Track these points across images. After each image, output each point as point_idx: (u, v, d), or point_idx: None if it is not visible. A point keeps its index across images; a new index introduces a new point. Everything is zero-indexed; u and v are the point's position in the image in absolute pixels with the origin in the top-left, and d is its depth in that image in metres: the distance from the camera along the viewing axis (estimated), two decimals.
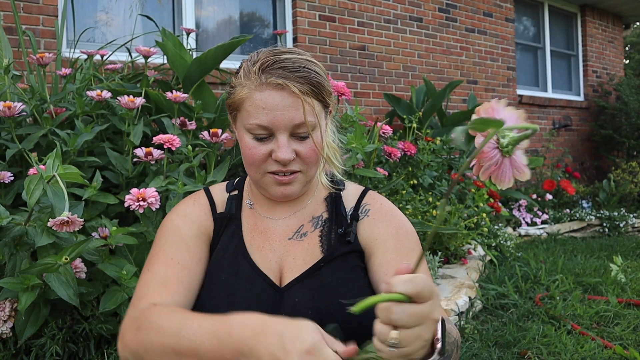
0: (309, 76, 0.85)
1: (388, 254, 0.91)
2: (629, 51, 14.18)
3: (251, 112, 0.85)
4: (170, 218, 0.95)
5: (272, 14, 4.23)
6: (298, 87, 0.83)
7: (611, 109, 6.48)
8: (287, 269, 0.90)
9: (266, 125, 0.84)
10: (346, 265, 0.90)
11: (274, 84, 0.83)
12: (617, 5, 6.76)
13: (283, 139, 0.85)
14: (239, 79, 0.87)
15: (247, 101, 0.85)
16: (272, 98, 0.83)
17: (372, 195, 1.00)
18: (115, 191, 1.81)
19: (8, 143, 1.71)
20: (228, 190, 1.02)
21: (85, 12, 3.41)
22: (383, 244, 0.92)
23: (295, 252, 0.92)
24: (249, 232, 0.95)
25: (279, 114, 0.83)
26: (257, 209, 0.98)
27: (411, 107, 4.25)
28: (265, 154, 0.86)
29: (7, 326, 1.34)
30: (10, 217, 1.33)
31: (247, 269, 0.90)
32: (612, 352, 2.01)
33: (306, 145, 0.87)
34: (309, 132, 0.86)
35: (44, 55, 1.84)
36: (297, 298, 0.86)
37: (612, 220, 4.75)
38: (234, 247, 0.92)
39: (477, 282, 2.73)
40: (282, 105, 0.83)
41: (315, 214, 0.97)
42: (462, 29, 5.26)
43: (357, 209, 0.97)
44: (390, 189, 2.52)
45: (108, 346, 1.46)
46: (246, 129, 0.86)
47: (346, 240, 0.92)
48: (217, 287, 0.88)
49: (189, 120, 1.97)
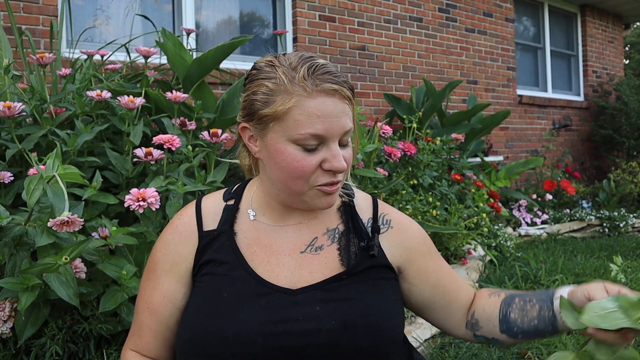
0: (347, 80, 0.83)
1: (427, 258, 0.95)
2: (629, 51, 14.18)
3: (302, 122, 0.78)
4: (156, 247, 0.94)
5: (272, 14, 4.23)
6: (347, 91, 0.81)
7: (611, 109, 6.48)
8: (302, 282, 0.85)
9: (322, 134, 0.79)
10: (369, 279, 0.87)
11: (328, 90, 0.79)
12: (617, 5, 6.76)
13: (336, 147, 0.81)
14: (279, 85, 0.80)
15: (297, 109, 0.78)
16: (326, 105, 0.79)
17: (383, 205, 0.98)
18: (115, 191, 1.81)
19: (8, 143, 1.71)
20: (225, 198, 0.95)
21: (84, 12, 3.41)
22: (418, 251, 0.94)
23: (311, 265, 0.87)
24: (249, 247, 0.89)
25: (333, 122, 0.79)
26: (264, 219, 0.91)
27: (411, 107, 4.25)
28: (315, 166, 0.81)
29: (7, 326, 1.34)
30: (10, 217, 1.33)
31: (251, 283, 0.84)
32: None
33: (347, 152, 0.84)
34: (350, 138, 0.85)
35: (44, 55, 1.84)
36: (319, 307, 0.82)
37: (612, 220, 4.75)
38: (231, 262, 0.86)
39: (477, 282, 2.72)
40: (336, 112, 0.80)
41: (330, 226, 0.92)
42: (462, 29, 5.26)
43: (376, 220, 0.94)
44: (390, 189, 2.52)
45: (108, 346, 1.46)
46: (293, 139, 0.79)
47: (370, 254, 0.88)
48: (218, 305, 0.83)
49: (189, 121, 1.97)
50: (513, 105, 5.75)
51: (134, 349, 0.93)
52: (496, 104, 5.53)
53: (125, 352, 0.94)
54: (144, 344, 0.91)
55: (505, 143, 5.69)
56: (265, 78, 0.82)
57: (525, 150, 5.89)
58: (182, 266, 0.90)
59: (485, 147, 4.87)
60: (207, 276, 0.87)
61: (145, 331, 0.91)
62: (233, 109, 2.16)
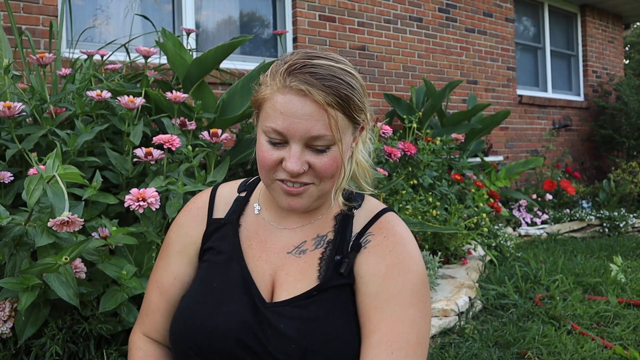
0: (338, 87, 0.78)
1: (366, 298, 0.83)
2: (629, 51, 14.18)
3: (269, 114, 0.80)
4: (171, 228, 0.98)
5: (272, 14, 4.23)
6: (322, 96, 0.77)
7: (611, 109, 6.48)
8: (278, 283, 0.87)
9: (281, 130, 0.79)
10: (339, 299, 0.84)
11: (296, 88, 0.77)
12: (617, 5, 6.76)
13: (296, 149, 0.79)
14: (265, 77, 0.83)
15: (268, 102, 0.81)
16: (292, 103, 0.78)
17: (382, 223, 0.89)
18: (115, 191, 1.81)
19: (8, 143, 1.71)
20: (239, 190, 0.99)
21: (84, 12, 3.41)
22: (365, 284, 0.84)
23: (289, 267, 0.87)
24: (247, 240, 0.92)
25: (295, 122, 0.78)
26: (265, 215, 0.94)
27: (411, 107, 4.25)
28: (276, 160, 0.81)
29: (7, 326, 1.34)
30: (10, 217, 1.33)
31: (239, 278, 0.87)
32: (612, 352, 2.01)
33: (322, 159, 0.81)
34: (330, 145, 0.80)
35: (43, 55, 1.84)
36: (283, 325, 0.81)
37: (612, 220, 4.75)
38: (229, 253, 0.90)
39: (477, 282, 2.72)
40: (302, 113, 0.77)
41: (321, 232, 0.90)
42: (462, 29, 5.26)
43: (361, 237, 0.88)
44: (390, 189, 2.52)
45: (108, 346, 1.45)
46: (263, 130, 0.82)
47: (339, 272, 0.85)
48: (207, 293, 0.87)
49: (189, 121, 1.97)
50: (513, 105, 5.75)
51: (143, 332, 0.96)
52: (496, 104, 5.53)
53: (133, 337, 0.97)
54: (153, 323, 0.94)
55: (505, 143, 5.69)
56: (266, 70, 0.86)
57: (525, 150, 5.89)
58: (192, 248, 0.94)
59: (485, 147, 4.87)
60: (206, 263, 0.92)
61: (154, 311, 0.94)
62: (233, 109, 2.16)
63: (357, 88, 0.81)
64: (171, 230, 0.98)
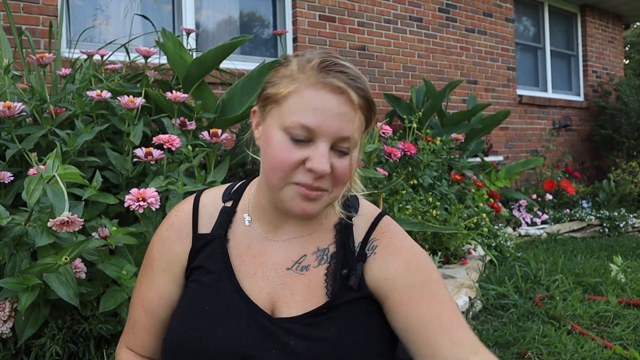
0: (366, 90, 0.77)
1: (405, 293, 0.81)
2: (629, 51, 14.18)
3: (296, 109, 0.74)
4: (153, 241, 0.92)
5: (272, 14, 4.23)
6: (356, 97, 0.75)
7: (611, 109, 6.48)
8: (282, 302, 0.81)
9: (312, 127, 0.74)
10: (353, 313, 0.81)
11: (334, 85, 0.74)
12: (617, 5, 6.76)
13: (324, 147, 0.74)
14: (288, 70, 0.77)
15: (295, 96, 0.75)
16: (326, 100, 0.74)
17: (382, 227, 0.88)
18: (115, 191, 1.81)
19: (8, 143, 1.71)
20: (224, 198, 0.91)
21: (84, 12, 3.41)
22: (395, 282, 0.82)
23: (293, 286, 0.82)
24: (239, 256, 0.85)
25: (329, 119, 0.74)
26: (257, 226, 0.87)
27: (411, 107, 4.25)
28: (298, 161, 0.75)
29: (7, 326, 1.34)
30: (10, 217, 1.33)
31: (234, 298, 0.81)
32: (612, 352, 2.01)
33: (343, 163, 0.77)
34: (350, 149, 0.77)
35: (43, 55, 1.84)
36: (293, 342, 0.77)
37: (612, 220, 4.76)
38: (219, 272, 0.84)
39: (477, 282, 2.72)
40: (337, 111, 0.74)
41: (322, 246, 0.86)
42: (462, 29, 5.26)
43: (365, 246, 0.85)
44: (390, 189, 2.52)
45: (108, 346, 1.45)
46: (283, 126, 0.75)
47: (348, 286, 0.82)
48: (199, 318, 0.81)
49: (189, 121, 1.97)
50: (513, 105, 5.75)
51: (130, 347, 0.93)
52: (496, 104, 5.53)
53: (120, 351, 0.93)
54: (139, 341, 0.91)
55: (505, 143, 5.69)
56: (282, 65, 0.80)
57: (525, 150, 5.89)
58: (177, 266, 0.88)
59: (485, 147, 4.87)
60: (194, 283, 0.85)
61: (140, 329, 0.90)
62: (233, 109, 2.16)
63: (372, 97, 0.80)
64: (153, 244, 0.91)
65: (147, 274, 0.90)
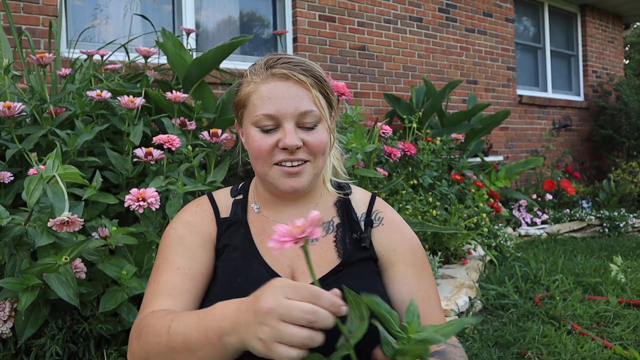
0: (312, 70, 0.89)
1: (408, 268, 0.93)
2: (629, 51, 14.18)
3: (257, 104, 0.87)
4: (173, 227, 0.95)
5: (272, 14, 4.23)
6: (303, 77, 0.87)
7: (611, 109, 6.48)
8: (300, 272, 0.90)
9: (272, 114, 0.86)
10: (364, 271, 0.91)
11: (279, 74, 0.86)
12: (617, 5, 6.76)
13: (289, 126, 0.86)
14: (245, 77, 0.91)
15: (254, 95, 0.88)
16: (277, 88, 0.86)
17: (381, 203, 1.01)
18: (115, 191, 1.81)
19: (8, 143, 1.71)
20: (232, 194, 1.02)
21: (84, 12, 3.41)
22: (402, 257, 0.94)
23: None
24: (258, 236, 0.94)
25: (284, 102, 0.86)
26: (264, 212, 0.98)
27: (411, 107, 4.25)
28: (272, 145, 0.87)
29: (7, 326, 1.34)
30: (10, 217, 1.33)
31: (262, 271, 0.89)
32: (612, 352, 2.01)
33: (313, 135, 0.88)
34: (316, 123, 0.88)
35: (43, 55, 1.84)
36: None
37: (612, 220, 4.75)
38: (245, 250, 0.92)
39: (477, 282, 2.72)
40: (288, 94, 0.86)
41: (326, 219, 0.96)
42: (462, 29, 5.26)
43: (370, 215, 0.98)
44: (390, 189, 2.52)
45: (108, 346, 1.45)
46: (253, 122, 0.88)
47: (362, 246, 0.93)
48: (233, 290, 0.86)
49: (189, 121, 1.97)
50: (513, 105, 5.75)
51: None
52: (496, 104, 5.53)
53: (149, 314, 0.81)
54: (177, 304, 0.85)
55: (505, 143, 5.69)
56: (242, 76, 0.94)
57: (525, 150, 5.89)
58: (211, 245, 0.94)
59: (485, 147, 4.87)
60: (223, 262, 0.92)
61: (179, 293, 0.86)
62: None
63: (324, 76, 0.92)
64: (175, 229, 0.93)
65: (179, 250, 0.90)
